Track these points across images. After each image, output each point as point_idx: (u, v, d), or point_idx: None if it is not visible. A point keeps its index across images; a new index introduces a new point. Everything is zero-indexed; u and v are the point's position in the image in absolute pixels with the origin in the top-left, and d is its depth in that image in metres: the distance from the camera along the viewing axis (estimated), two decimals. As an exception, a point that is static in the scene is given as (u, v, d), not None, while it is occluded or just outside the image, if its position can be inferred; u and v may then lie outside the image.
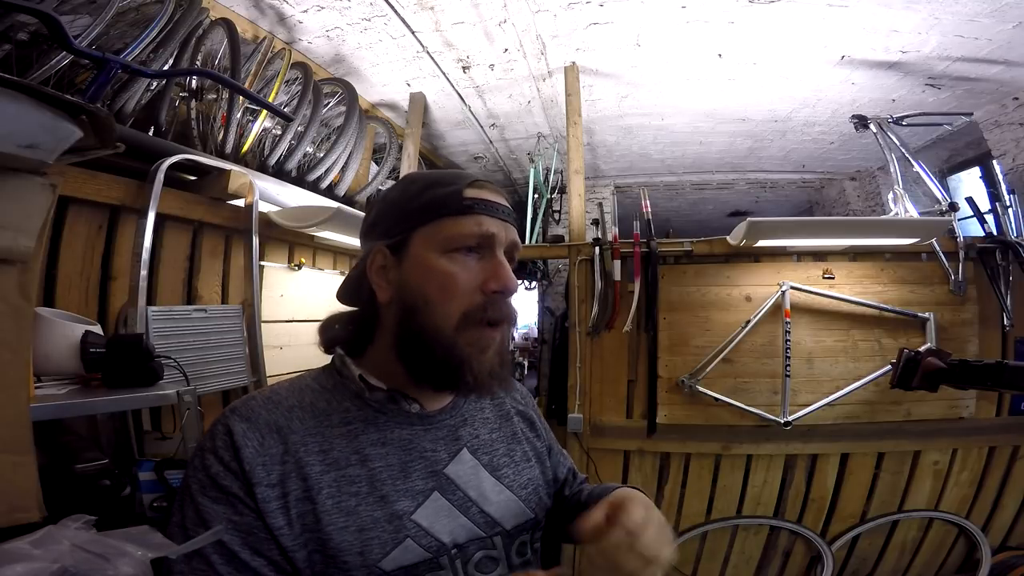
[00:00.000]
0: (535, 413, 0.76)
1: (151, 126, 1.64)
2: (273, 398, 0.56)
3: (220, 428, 0.52)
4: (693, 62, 2.59)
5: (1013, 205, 2.11)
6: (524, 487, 0.64)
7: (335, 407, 0.56)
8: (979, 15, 2.10)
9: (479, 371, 0.55)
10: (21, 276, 0.75)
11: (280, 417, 0.53)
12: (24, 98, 0.68)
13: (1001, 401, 2.05)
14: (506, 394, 0.73)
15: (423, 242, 0.56)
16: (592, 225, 2.75)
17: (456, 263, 0.55)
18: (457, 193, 0.57)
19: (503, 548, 0.59)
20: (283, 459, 0.51)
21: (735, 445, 2.06)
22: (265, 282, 1.80)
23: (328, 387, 0.59)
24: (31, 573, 0.38)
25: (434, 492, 0.56)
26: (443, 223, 0.56)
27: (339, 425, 0.55)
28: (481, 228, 0.56)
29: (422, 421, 0.59)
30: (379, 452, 0.55)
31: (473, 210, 0.56)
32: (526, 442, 0.70)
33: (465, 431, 0.63)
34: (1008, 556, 2.07)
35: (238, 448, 0.50)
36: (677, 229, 4.86)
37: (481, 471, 0.61)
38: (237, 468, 0.49)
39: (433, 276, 0.55)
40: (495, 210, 0.58)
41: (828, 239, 2.06)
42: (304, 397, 0.57)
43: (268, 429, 0.52)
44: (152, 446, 1.30)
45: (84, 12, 1.40)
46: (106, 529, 0.45)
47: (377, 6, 2.13)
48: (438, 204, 0.56)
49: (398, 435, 0.57)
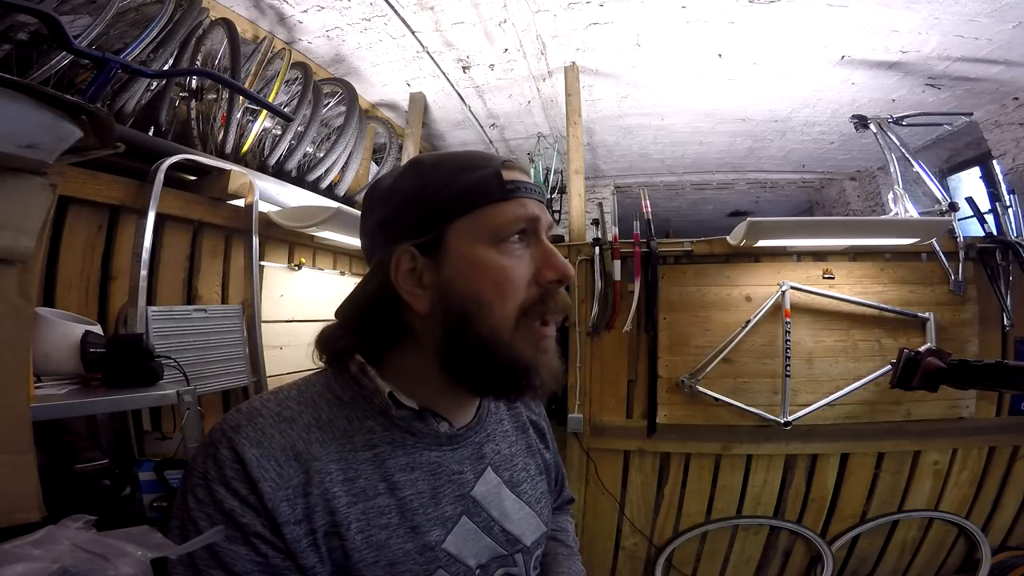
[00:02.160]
0: (546, 423, 0.73)
1: (151, 126, 1.64)
2: (284, 414, 0.48)
3: (227, 455, 0.44)
4: (693, 62, 2.59)
5: (1013, 205, 2.11)
6: (539, 501, 0.62)
7: (357, 427, 0.50)
8: (979, 15, 2.10)
9: (546, 375, 0.50)
10: (21, 276, 0.75)
11: (298, 440, 0.47)
12: (24, 98, 0.68)
13: (1001, 401, 2.05)
14: (523, 403, 0.69)
15: (465, 236, 0.49)
16: (592, 225, 2.75)
17: (508, 255, 0.49)
18: (496, 175, 0.50)
19: (523, 564, 0.58)
20: (306, 490, 0.45)
21: (735, 445, 2.06)
22: (265, 282, 1.80)
23: (346, 400, 0.51)
24: (31, 573, 0.38)
25: (463, 517, 0.52)
26: (486, 211, 0.49)
27: (364, 448, 0.49)
28: (527, 211, 0.50)
29: (450, 441, 0.54)
30: (408, 478, 0.50)
31: (516, 193, 0.50)
32: (538, 454, 0.67)
33: (489, 447, 0.59)
34: (1008, 556, 2.07)
35: (255, 481, 0.43)
36: (677, 229, 4.87)
37: (503, 489, 0.58)
38: (258, 504, 0.43)
39: (486, 273, 0.48)
40: (532, 191, 0.52)
41: (828, 239, 2.06)
42: (320, 413, 0.49)
43: (285, 456, 0.45)
44: (152, 446, 1.30)
45: (84, 12, 1.40)
46: (106, 529, 0.45)
47: (377, 6, 2.13)
48: (478, 190, 0.49)
49: (427, 458, 0.52)
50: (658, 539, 2.16)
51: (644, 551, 2.17)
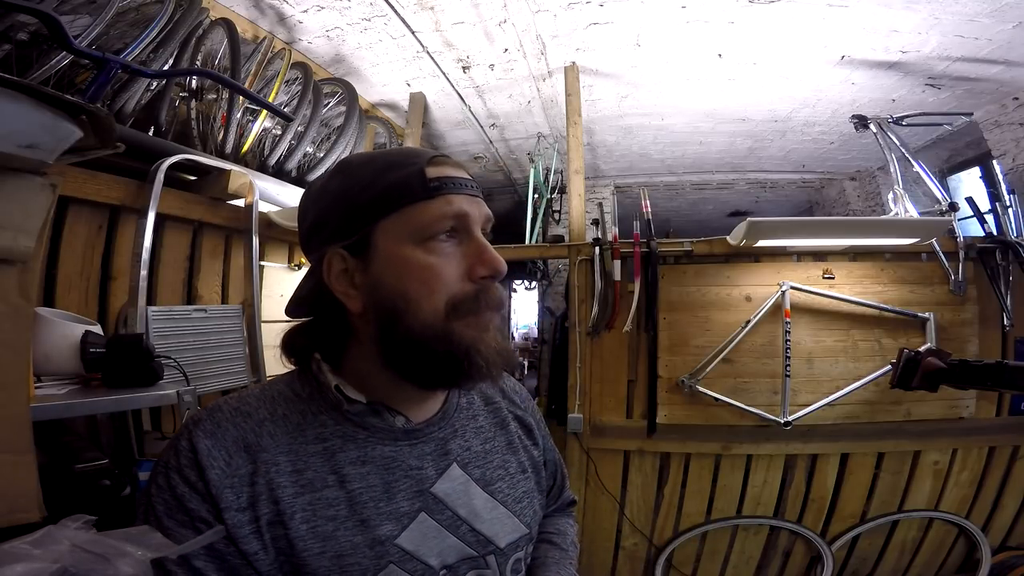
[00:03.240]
0: (534, 419, 0.70)
1: (151, 126, 1.64)
2: (242, 408, 0.51)
3: (184, 445, 0.47)
4: (693, 62, 2.59)
5: (1013, 205, 2.11)
6: (519, 500, 0.59)
7: (310, 421, 0.51)
8: (979, 15, 2.10)
9: (487, 353, 0.50)
10: (21, 276, 0.75)
11: (249, 432, 0.49)
12: (24, 98, 0.68)
13: (1001, 401, 2.05)
14: (503, 398, 0.68)
15: (390, 236, 0.50)
16: (592, 225, 2.75)
17: (434, 253, 0.49)
18: (419, 174, 0.50)
19: (497, 567, 0.55)
20: (252, 480, 0.47)
21: (735, 445, 2.06)
22: (265, 282, 1.80)
23: (303, 396, 0.53)
24: (31, 573, 0.38)
25: (420, 513, 0.51)
26: (409, 211, 0.49)
27: (314, 442, 0.50)
28: (453, 208, 0.50)
29: (407, 436, 0.54)
30: (359, 472, 0.50)
31: (441, 190, 0.50)
32: (523, 451, 0.65)
33: (455, 443, 0.57)
34: (1008, 556, 2.07)
35: (203, 468, 0.46)
36: (677, 229, 4.86)
37: (472, 487, 0.56)
38: (204, 490, 0.45)
39: (413, 272, 0.49)
40: (462, 186, 0.51)
41: (828, 239, 2.06)
42: (276, 408, 0.51)
43: (236, 447, 0.48)
44: (152, 446, 1.30)
45: (84, 12, 1.40)
46: (106, 529, 0.45)
47: (377, 6, 2.13)
48: (399, 189, 0.50)
49: (380, 452, 0.52)
50: (658, 539, 2.16)
51: (644, 551, 2.17)
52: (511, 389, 0.71)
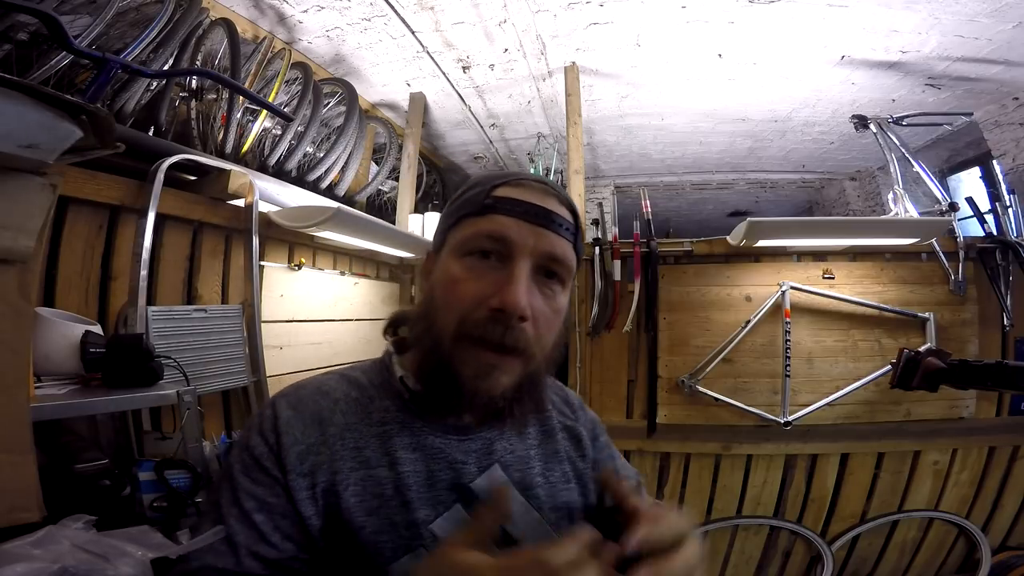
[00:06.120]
0: (584, 429, 0.68)
1: (151, 126, 1.64)
2: (323, 388, 0.57)
3: (268, 412, 0.53)
4: (693, 62, 2.59)
5: (1013, 205, 2.12)
6: (556, 510, 0.58)
7: (376, 405, 0.56)
8: (979, 15, 2.10)
9: (480, 399, 0.50)
10: (21, 276, 0.75)
11: (324, 409, 0.55)
12: (24, 98, 0.68)
13: (1001, 401, 2.05)
14: (555, 407, 0.67)
15: (449, 245, 0.54)
16: (592, 225, 2.75)
17: (466, 268, 0.51)
18: (483, 192, 0.53)
19: None
20: (319, 450, 0.51)
21: (735, 445, 2.06)
22: (265, 282, 1.80)
23: (376, 383, 0.58)
24: (31, 573, 0.38)
25: (456, 504, 0.53)
26: (465, 223, 0.53)
27: (376, 424, 0.55)
28: (493, 229, 0.50)
29: (457, 432, 0.56)
30: (409, 457, 0.53)
31: (492, 210, 0.51)
32: (567, 462, 0.63)
33: (501, 445, 0.58)
34: (1008, 556, 2.07)
35: (280, 434, 0.51)
36: (677, 229, 4.87)
37: (511, 489, 0.57)
38: (277, 452, 0.51)
39: (441, 280, 0.53)
40: (524, 211, 0.51)
41: (828, 239, 2.06)
42: (351, 391, 0.57)
43: (312, 419, 0.53)
44: (152, 446, 1.30)
45: (84, 12, 1.41)
46: (106, 529, 0.45)
47: (377, 6, 2.13)
48: (468, 204, 0.54)
49: (431, 443, 0.55)
50: (658, 539, 2.15)
51: (644, 551, 2.17)
52: (562, 399, 0.70)
